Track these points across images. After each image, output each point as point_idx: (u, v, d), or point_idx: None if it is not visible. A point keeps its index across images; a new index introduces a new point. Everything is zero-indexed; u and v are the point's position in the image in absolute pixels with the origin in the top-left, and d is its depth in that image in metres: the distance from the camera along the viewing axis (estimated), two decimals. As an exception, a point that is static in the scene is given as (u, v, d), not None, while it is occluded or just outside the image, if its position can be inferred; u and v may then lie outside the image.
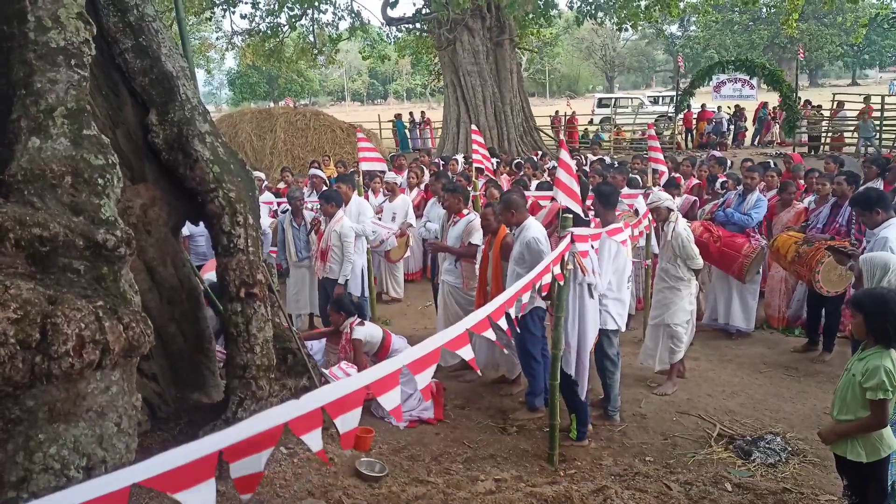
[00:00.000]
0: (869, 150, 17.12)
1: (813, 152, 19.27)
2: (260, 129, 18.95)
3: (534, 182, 9.09)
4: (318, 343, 5.84)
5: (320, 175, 10.06)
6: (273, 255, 7.49)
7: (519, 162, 12.37)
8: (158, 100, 3.95)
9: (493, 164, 10.59)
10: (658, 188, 7.09)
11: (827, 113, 21.45)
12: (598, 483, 3.89)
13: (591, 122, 27.24)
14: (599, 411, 4.98)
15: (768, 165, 9.03)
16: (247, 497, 2.16)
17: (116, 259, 3.10)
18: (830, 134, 20.31)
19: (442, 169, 10.95)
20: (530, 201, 6.57)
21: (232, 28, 24.94)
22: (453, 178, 8.63)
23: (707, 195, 8.52)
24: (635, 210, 6.71)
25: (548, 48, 42.07)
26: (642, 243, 6.14)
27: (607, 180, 7.57)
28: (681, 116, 22.34)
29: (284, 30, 23.67)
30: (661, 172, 8.49)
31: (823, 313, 6.22)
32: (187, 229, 6.40)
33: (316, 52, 24.55)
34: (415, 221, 8.55)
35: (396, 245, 7.92)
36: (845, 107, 20.70)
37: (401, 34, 25.83)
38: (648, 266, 6.39)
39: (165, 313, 4.07)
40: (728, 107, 22.90)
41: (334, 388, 2.29)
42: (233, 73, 53.48)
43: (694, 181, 9.01)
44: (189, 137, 3.92)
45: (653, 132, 9.91)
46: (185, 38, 5.38)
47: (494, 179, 9.13)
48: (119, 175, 3.27)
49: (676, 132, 22.60)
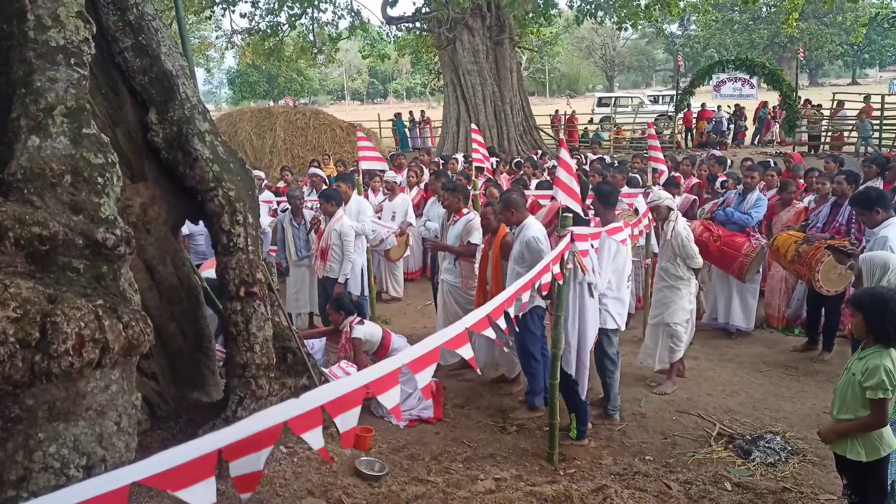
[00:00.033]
0: (868, 150, 17.11)
1: (813, 151, 19.27)
2: (259, 128, 18.95)
3: (533, 181, 9.09)
4: (319, 342, 5.83)
5: (320, 174, 10.05)
6: (273, 254, 7.49)
7: (519, 161, 12.36)
8: (158, 98, 3.95)
9: (493, 164, 10.59)
10: (658, 187, 7.09)
11: (827, 112, 21.45)
12: (598, 482, 3.90)
13: (591, 122, 27.24)
14: (599, 410, 4.98)
15: (768, 164, 9.02)
16: (246, 496, 2.16)
17: (116, 258, 3.10)
18: (830, 133, 20.31)
19: (442, 168, 10.95)
20: (530, 200, 6.57)
21: (232, 27, 25.01)
22: (453, 177, 8.63)
23: (707, 194, 8.52)
24: (635, 209, 6.71)
25: (548, 47, 42.05)
26: (642, 242, 6.13)
27: (607, 179, 7.57)
28: (681, 116, 22.34)
29: (284, 29, 23.66)
30: (661, 171, 8.49)
31: (823, 312, 6.23)
32: (187, 228, 6.39)
33: (316, 51, 24.53)
34: (414, 220, 8.54)
35: (396, 244, 7.92)
36: (845, 106, 20.71)
37: (401, 33, 25.81)
38: (648, 265, 6.39)
39: (165, 312, 4.07)
40: (728, 106, 22.90)
41: (334, 387, 2.29)
42: (232, 72, 53.42)
43: (694, 180, 9.01)
44: (189, 136, 3.92)
45: (653, 131, 9.91)
46: (185, 37, 5.38)
47: (493, 179, 9.14)
48: (119, 174, 3.27)
49: (676, 131, 22.59)
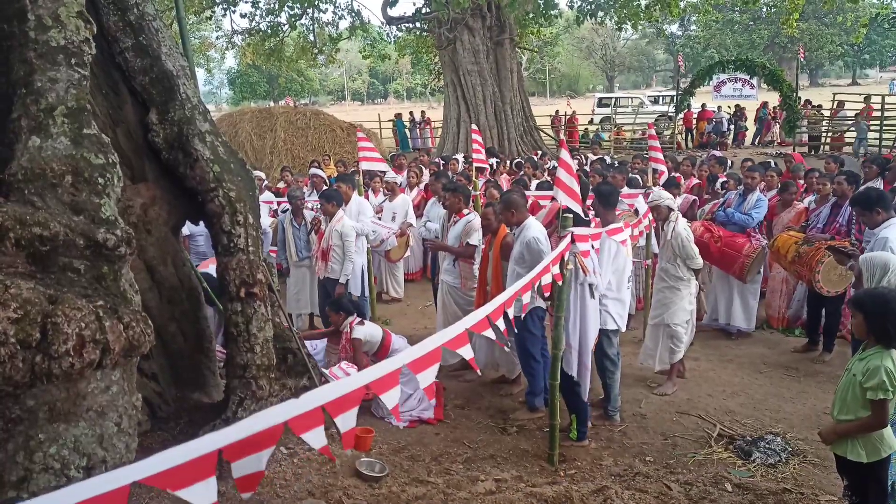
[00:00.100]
0: (865, 151, 17.13)
1: (813, 152, 19.27)
2: (260, 129, 18.96)
3: (534, 182, 9.09)
4: (320, 343, 5.83)
5: (320, 174, 10.07)
6: (273, 255, 7.49)
7: (519, 161, 12.36)
8: (158, 99, 3.95)
9: (493, 164, 10.59)
10: (658, 188, 7.09)
11: (827, 113, 21.46)
12: (599, 483, 3.89)
13: (592, 122, 27.24)
14: (599, 411, 4.98)
15: (768, 165, 9.02)
16: (247, 495, 2.16)
17: (117, 258, 3.10)
18: (830, 134, 20.31)
19: (442, 168, 10.95)
20: (530, 201, 6.57)
21: (232, 27, 25.04)
22: (453, 178, 8.63)
23: (707, 195, 8.52)
24: (635, 210, 6.71)
25: (548, 48, 41.97)
26: (642, 243, 6.14)
27: (607, 180, 7.57)
28: (681, 116, 22.33)
29: (284, 29, 23.66)
30: (661, 172, 8.48)
31: (823, 313, 6.23)
32: (187, 228, 6.40)
33: (316, 52, 24.53)
34: (415, 221, 8.55)
35: (396, 245, 7.92)
36: (845, 106, 20.71)
37: (401, 33, 25.82)
38: (648, 266, 6.39)
39: (165, 313, 4.07)
40: (728, 106, 22.90)
41: (334, 388, 2.29)
42: (233, 73, 53.45)
43: (694, 181, 9.01)
44: (189, 137, 3.92)
45: (653, 132, 9.90)
46: (186, 38, 5.37)
47: (493, 180, 9.14)
48: (119, 174, 3.27)
49: (676, 132, 22.59)
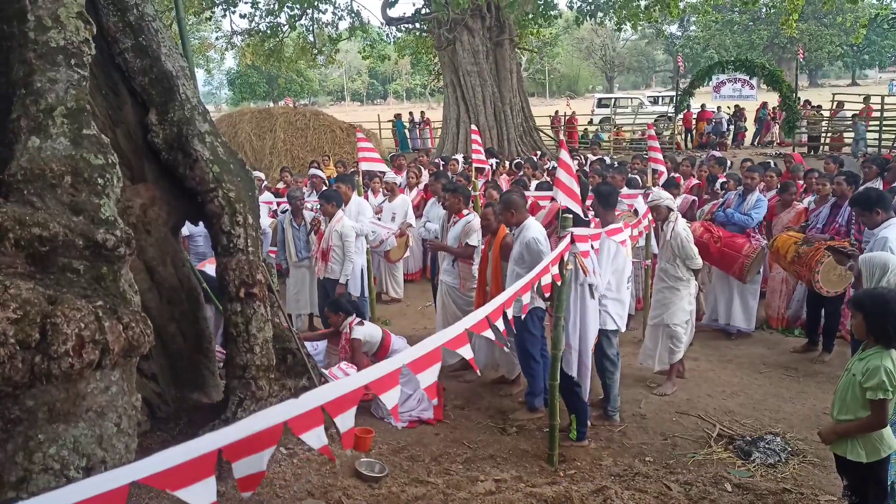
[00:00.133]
0: (862, 151, 17.14)
1: (812, 152, 19.28)
2: (259, 129, 18.96)
3: (533, 182, 9.09)
4: (321, 344, 5.83)
5: (320, 175, 10.06)
6: (272, 255, 7.49)
7: (518, 162, 12.36)
8: (158, 99, 3.95)
9: (493, 165, 10.59)
10: (657, 188, 7.09)
11: (827, 113, 21.47)
12: (598, 483, 3.89)
13: (591, 123, 27.23)
14: (599, 411, 4.98)
15: (768, 165, 9.03)
16: (247, 494, 2.16)
17: (116, 259, 3.10)
18: (830, 134, 20.32)
19: (442, 169, 10.95)
20: (530, 201, 6.57)
21: (231, 28, 24.91)
22: (453, 179, 8.63)
23: (706, 195, 8.52)
24: (635, 210, 6.71)
25: (547, 48, 42.00)
26: (642, 243, 6.14)
27: (607, 180, 7.57)
28: (680, 116, 22.33)
29: (284, 30, 23.66)
30: (661, 172, 8.48)
31: (823, 313, 6.23)
32: (187, 229, 6.39)
33: (315, 52, 24.53)
34: (414, 221, 8.55)
35: (396, 245, 7.92)
36: (845, 107, 20.72)
37: (400, 34, 25.81)
38: (648, 266, 6.39)
39: (165, 313, 4.07)
40: (728, 107, 22.91)
41: (334, 387, 2.29)
42: (232, 73, 53.44)
43: (693, 181, 9.01)
44: (189, 137, 3.92)
45: (652, 132, 9.89)
46: (185, 38, 5.37)
47: (493, 180, 9.13)
48: (119, 175, 3.28)
49: (676, 132, 22.59)
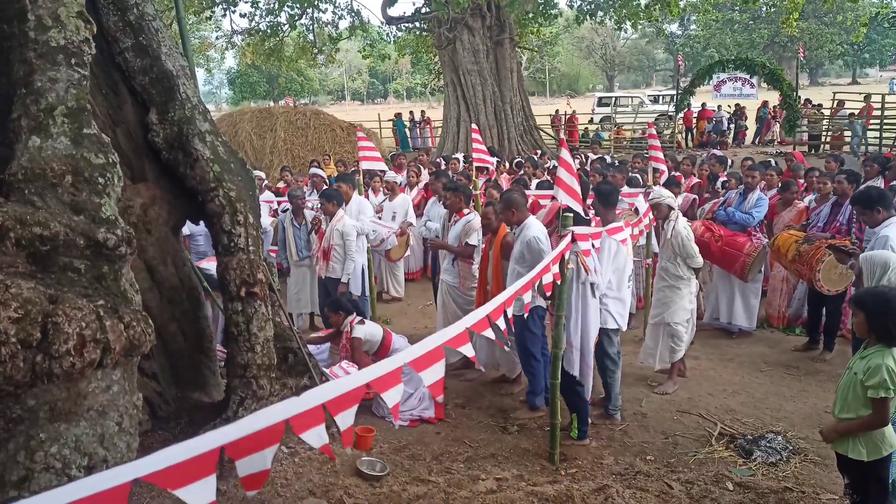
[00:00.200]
0: (859, 149, 17.14)
1: (813, 151, 19.27)
2: (260, 129, 18.95)
3: (534, 181, 9.09)
4: (325, 344, 5.82)
5: (320, 174, 10.07)
6: (273, 255, 7.50)
7: (519, 161, 12.35)
8: (158, 99, 3.95)
9: (494, 164, 10.58)
10: (658, 187, 7.09)
11: (827, 112, 21.45)
12: (600, 482, 3.89)
13: (592, 121, 27.24)
14: (600, 410, 4.98)
15: (769, 164, 9.02)
16: (251, 493, 2.16)
17: (117, 258, 3.10)
18: (831, 133, 20.31)
19: (443, 168, 10.95)
20: (531, 200, 6.57)
21: (232, 27, 25.01)
22: (454, 178, 8.62)
23: (707, 194, 8.52)
24: (635, 209, 6.71)
25: (548, 47, 41.95)
26: (643, 242, 6.13)
27: (607, 179, 7.57)
28: (681, 115, 22.32)
29: (284, 29, 23.64)
30: (662, 171, 8.49)
31: (824, 312, 6.22)
32: (187, 228, 6.40)
33: (316, 52, 24.52)
34: (415, 220, 8.55)
35: (397, 244, 7.92)
36: (845, 105, 20.71)
37: (401, 33, 25.79)
38: (649, 265, 6.38)
39: (166, 312, 4.07)
40: (728, 106, 22.90)
41: (335, 386, 2.29)
42: (233, 73, 53.42)
43: (694, 180, 9.02)
44: (189, 136, 3.92)
45: (653, 131, 9.90)
46: (185, 38, 5.36)
47: (493, 179, 9.13)
48: (119, 174, 3.28)
49: (677, 131, 22.59)
